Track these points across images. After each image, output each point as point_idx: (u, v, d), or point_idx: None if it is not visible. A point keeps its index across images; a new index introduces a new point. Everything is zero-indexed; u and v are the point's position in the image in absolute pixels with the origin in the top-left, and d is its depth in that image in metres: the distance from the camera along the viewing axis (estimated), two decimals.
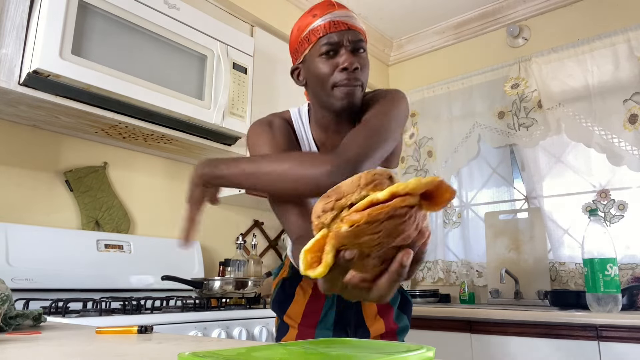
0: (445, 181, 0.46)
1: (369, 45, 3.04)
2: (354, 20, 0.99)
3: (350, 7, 3.10)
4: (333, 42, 0.97)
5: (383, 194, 0.44)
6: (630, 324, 1.59)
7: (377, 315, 1.20)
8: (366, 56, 1.01)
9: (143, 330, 0.82)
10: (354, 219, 0.44)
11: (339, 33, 0.97)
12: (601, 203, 2.29)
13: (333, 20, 0.98)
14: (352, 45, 0.97)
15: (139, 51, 1.69)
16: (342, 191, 0.47)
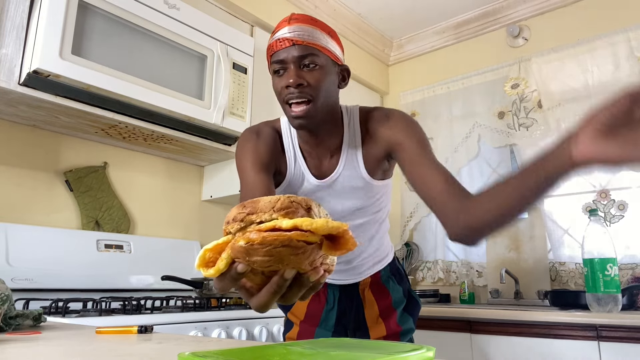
0: (349, 232, 0.48)
1: (369, 45, 3.04)
2: (302, 34, 0.97)
3: (350, 7, 3.05)
4: (279, 60, 0.98)
5: (286, 224, 0.46)
6: (630, 324, 1.59)
7: (378, 318, 1.21)
8: (319, 70, 0.98)
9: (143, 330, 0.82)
10: (251, 237, 0.46)
11: (284, 50, 0.97)
12: (601, 203, 2.29)
13: (279, 37, 0.98)
14: (298, 61, 0.96)
15: (139, 51, 1.69)
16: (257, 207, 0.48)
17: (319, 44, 0.98)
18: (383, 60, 3.23)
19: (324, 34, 1.00)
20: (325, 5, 2.69)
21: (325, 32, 1.01)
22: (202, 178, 2.35)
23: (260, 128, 1.11)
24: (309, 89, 0.96)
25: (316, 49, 0.97)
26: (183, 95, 1.79)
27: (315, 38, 0.98)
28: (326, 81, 0.99)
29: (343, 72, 1.07)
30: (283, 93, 0.98)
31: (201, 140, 1.94)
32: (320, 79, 0.98)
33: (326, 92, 0.99)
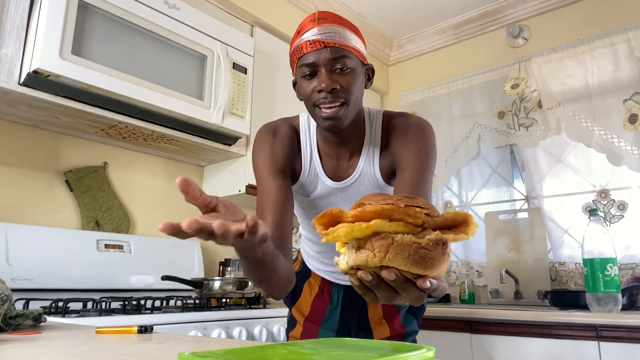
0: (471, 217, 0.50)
1: (369, 45, 3.04)
2: (334, 35, 0.94)
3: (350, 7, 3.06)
4: (310, 64, 0.95)
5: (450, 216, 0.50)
6: (630, 324, 1.59)
7: (382, 319, 1.20)
8: (351, 72, 0.95)
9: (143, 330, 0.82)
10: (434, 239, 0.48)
11: (315, 53, 0.94)
12: (601, 203, 2.29)
13: (309, 40, 0.94)
14: (331, 64, 0.94)
15: (139, 51, 1.69)
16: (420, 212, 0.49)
17: (350, 44, 0.95)
18: (383, 60, 3.23)
19: (352, 33, 0.97)
20: (325, 5, 2.69)
21: (352, 30, 0.98)
22: (202, 178, 2.35)
23: (277, 126, 1.09)
24: (342, 93, 0.94)
25: (348, 51, 0.95)
26: (183, 95, 1.79)
27: (346, 39, 0.95)
28: (357, 84, 0.97)
29: (369, 72, 1.04)
30: (314, 97, 0.95)
31: (201, 140, 1.94)
32: (352, 82, 0.95)
33: (357, 94, 0.97)
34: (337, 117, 0.94)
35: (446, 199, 2.84)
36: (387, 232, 0.47)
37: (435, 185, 2.85)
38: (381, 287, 0.53)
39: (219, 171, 2.27)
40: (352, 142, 1.05)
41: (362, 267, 0.49)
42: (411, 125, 1.03)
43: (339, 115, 0.94)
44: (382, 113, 1.09)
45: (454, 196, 2.83)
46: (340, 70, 0.94)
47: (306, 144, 1.09)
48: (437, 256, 0.48)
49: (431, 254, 0.47)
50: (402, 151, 1.01)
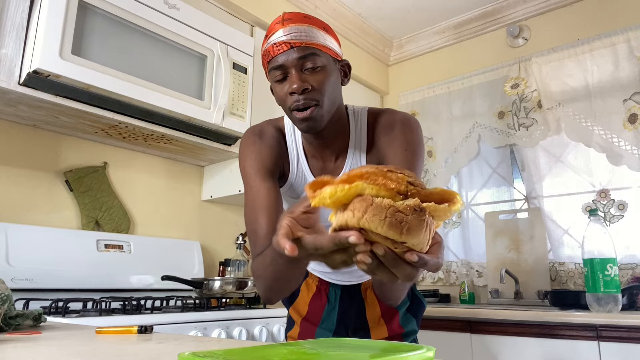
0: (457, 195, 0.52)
1: (369, 45, 3.04)
2: (299, 35, 0.92)
3: (350, 7, 3.05)
4: (279, 66, 0.93)
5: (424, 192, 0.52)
6: (630, 324, 1.59)
7: (380, 319, 1.19)
8: (322, 70, 0.94)
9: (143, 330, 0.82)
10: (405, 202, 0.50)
11: (282, 55, 0.92)
12: (601, 203, 2.29)
13: (276, 42, 0.92)
14: (300, 64, 0.92)
15: (139, 51, 1.69)
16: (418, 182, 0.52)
17: (318, 42, 0.93)
18: (383, 60, 3.23)
19: (320, 31, 0.95)
20: (325, 5, 2.69)
21: (321, 28, 0.96)
22: (202, 178, 2.35)
23: (263, 128, 1.08)
24: (314, 93, 0.92)
25: (316, 49, 0.93)
26: (183, 95, 1.79)
27: (313, 37, 0.93)
28: (330, 81, 0.95)
29: (344, 68, 1.03)
30: (288, 101, 0.94)
31: (201, 140, 1.94)
32: (324, 80, 0.93)
33: (331, 93, 0.96)
34: (312, 117, 0.93)
35: None
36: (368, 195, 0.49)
37: (435, 185, 2.84)
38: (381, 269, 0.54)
39: (219, 171, 2.27)
40: (337, 143, 1.03)
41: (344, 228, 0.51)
42: (397, 122, 1.02)
43: (314, 116, 0.93)
44: (366, 110, 1.07)
45: None
46: (310, 70, 0.93)
47: (292, 145, 1.08)
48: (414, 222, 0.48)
49: (408, 218, 0.48)
50: (388, 149, 0.99)
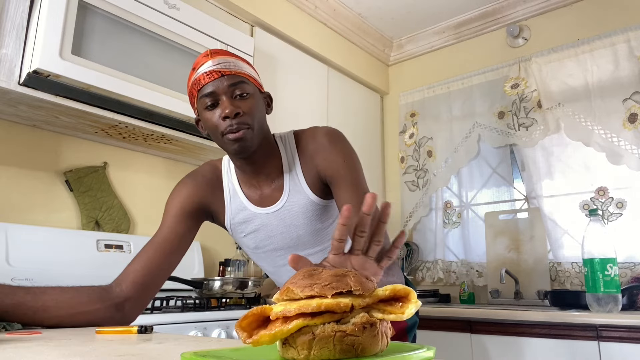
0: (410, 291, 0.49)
1: (369, 45, 3.04)
2: (228, 65, 0.98)
3: (350, 7, 3.05)
4: (209, 93, 0.97)
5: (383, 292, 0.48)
6: (630, 324, 1.59)
7: None
8: (251, 97, 0.99)
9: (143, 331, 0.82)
10: None
11: (213, 83, 0.97)
12: (599, 201, 2.29)
13: (206, 71, 0.97)
14: (230, 91, 0.97)
15: (139, 51, 1.69)
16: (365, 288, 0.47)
17: (246, 72, 1.00)
18: (383, 60, 3.23)
19: (245, 64, 1.02)
20: (325, 5, 2.69)
21: (244, 62, 1.03)
22: None
23: (199, 170, 1.16)
24: (245, 118, 0.97)
25: (245, 78, 1.00)
26: (183, 95, 1.79)
27: (240, 67, 1.00)
28: (258, 109, 1.01)
29: (267, 99, 1.09)
30: (220, 126, 0.97)
31: (201, 140, 1.94)
32: (253, 106, 0.99)
33: (259, 119, 1.01)
34: (244, 138, 0.97)
35: (446, 199, 2.84)
36: (309, 328, 0.44)
37: (435, 185, 2.85)
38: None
39: None
40: (270, 167, 1.07)
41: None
42: (323, 137, 1.06)
43: (246, 136, 0.97)
44: (292, 133, 1.12)
45: (454, 196, 2.83)
46: (240, 97, 0.98)
47: (228, 181, 1.13)
48: (368, 340, 0.45)
49: (359, 339, 0.44)
50: (327, 165, 1.03)
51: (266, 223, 1.09)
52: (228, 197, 1.12)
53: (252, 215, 1.10)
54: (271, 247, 1.12)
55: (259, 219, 1.09)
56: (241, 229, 1.12)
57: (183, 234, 1.08)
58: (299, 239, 1.09)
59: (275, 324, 0.45)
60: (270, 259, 1.15)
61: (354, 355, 0.45)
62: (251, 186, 1.10)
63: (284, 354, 0.46)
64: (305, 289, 0.46)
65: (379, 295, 0.48)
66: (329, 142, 1.05)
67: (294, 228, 1.08)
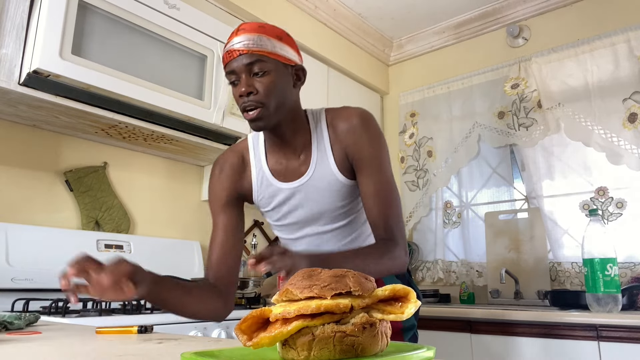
0: None
1: (369, 45, 3.04)
2: (248, 43, 1.01)
3: (350, 7, 3.05)
4: (230, 71, 1.03)
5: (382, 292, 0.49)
6: (630, 324, 1.59)
7: None
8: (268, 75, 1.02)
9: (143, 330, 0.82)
10: None
11: (232, 62, 1.02)
12: (599, 201, 2.29)
13: (228, 50, 1.03)
14: (248, 69, 1.01)
15: (139, 51, 1.69)
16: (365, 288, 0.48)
17: (265, 50, 1.02)
18: (383, 60, 3.23)
19: (271, 39, 1.04)
20: (325, 5, 2.69)
21: (273, 36, 1.04)
22: (202, 178, 2.35)
23: (226, 160, 1.19)
24: (259, 96, 1.01)
25: (263, 55, 1.02)
26: (183, 95, 1.79)
27: (261, 45, 1.02)
28: (277, 84, 1.03)
29: (298, 72, 1.10)
30: (239, 102, 1.03)
31: (201, 140, 1.94)
32: (269, 84, 1.02)
33: (279, 94, 1.03)
34: (258, 118, 1.02)
35: (446, 199, 2.84)
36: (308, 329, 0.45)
37: (435, 185, 2.85)
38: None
39: None
40: (298, 141, 1.11)
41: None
42: (356, 118, 1.10)
43: (259, 116, 1.02)
44: (324, 110, 1.16)
45: (454, 196, 2.83)
46: (257, 75, 1.02)
47: (255, 159, 1.16)
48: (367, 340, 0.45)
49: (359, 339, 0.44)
50: (356, 149, 1.08)
51: (289, 197, 1.13)
52: (255, 176, 1.16)
53: (277, 191, 1.13)
54: (291, 220, 1.16)
55: (283, 193, 1.13)
56: (265, 203, 1.16)
57: (235, 224, 1.16)
58: (319, 215, 1.13)
59: (274, 326, 0.45)
60: (289, 231, 1.19)
61: (354, 355, 0.45)
62: (278, 160, 1.13)
63: (284, 355, 0.46)
64: (304, 290, 0.46)
65: (378, 296, 0.48)
66: (362, 125, 1.09)
67: (315, 204, 1.12)
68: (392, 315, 0.47)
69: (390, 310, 0.47)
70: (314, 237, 1.16)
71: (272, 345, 0.45)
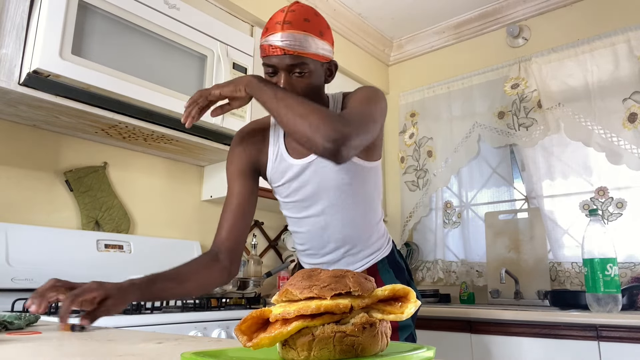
0: None
1: (369, 45, 3.04)
2: (294, 44, 1.02)
3: (350, 7, 3.05)
4: (271, 65, 1.06)
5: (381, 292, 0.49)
6: (630, 324, 1.59)
7: None
8: (308, 76, 1.05)
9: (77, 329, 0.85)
10: None
11: (276, 58, 1.04)
12: (599, 201, 2.29)
13: (272, 44, 1.03)
14: (289, 69, 1.04)
15: (139, 51, 1.69)
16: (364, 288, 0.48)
17: (310, 52, 1.04)
18: (383, 60, 3.23)
19: (315, 39, 1.05)
20: (325, 5, 2.69)
21: (317, 33, 1.05)
22: (202, 178, 2.35)
23: (246, 129, 1.24)
24: None
25: (307, 58, 1.04)
26: (183, 95, 1.79)
27: (306, 47, 1.03)
28: (314, 85, 1.08)
29: (331, 67, 1.13)
30: None
31: (201, 140, 1.94)
32: (308, 85, 1.06)
33: (314, 92, 1.08)
34: None
35: (446, 199, 2.84)
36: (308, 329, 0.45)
37: (435, 185, 2.85)
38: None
39: (219, 171, 2.27)
40: None
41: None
42: (360, 89, 1.15)
43: None
44: (341, 93, 1.20)
45: (454, 196, 2.83)
46: (297, 75, 1.05)
47: (274, 133, 1.20)
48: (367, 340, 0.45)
49: (359, 339, 0.44)
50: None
51: (300, 173, 1.16)
52: (271, 151, 1.19)
53: (288, 167, 1.17)
54: (299, 197, 1.18)
55: (294, 169, 1.16)
56: (277, 178, 1.20)
57: (249, 193, 1.20)
58: (325, 191, 1.15)
59: (274, 326, 0.45)
60: (296, 209, 1.21)
61: (354, 355, 0.45)
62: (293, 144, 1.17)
63: (284, 355, 0.46)
64: (304, 290, 0.46)
65: (378, 296, 0.48)
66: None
67: (323, 180, 1.14)
68: (392, 316, 0.47)
69: (390, 310, 0.47)
70: (319, 218, 1.18)
71: (272, 345, 0.45)
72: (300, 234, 1.25)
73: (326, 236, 1.19)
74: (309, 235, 1.22)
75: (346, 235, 1.19)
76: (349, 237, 1.19)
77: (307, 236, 1.22)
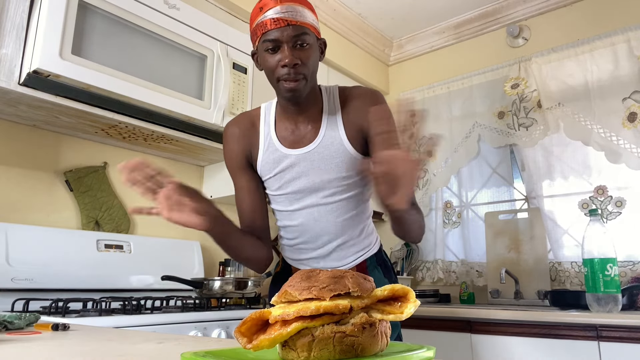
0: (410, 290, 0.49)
1: (369, 45, 3.04)
2: (295, 14, 1.02)
3: (350, 7, 3.05)
4: (273, 39, 1.03)
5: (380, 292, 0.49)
6: (630, 324, 1.59)
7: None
8: (310, 48, 1.05)
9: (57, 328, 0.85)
10: None
11: (278, 30, 1.02)
12: (598, 200, 2.29)
13: (273, 17, 1.02)
14: (293, 40, 1.02)
15: (139, 51, 1.69)
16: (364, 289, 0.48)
17: (309, 22, 1.04)
18: (383, 60, 3.23)
19: (309, 11, 1.06)
20: (325, 5, 2.69)
21: (308, 8, 1.07)
22: (202, 178, 2.35)
23: (236, 122, 1.24)
24: (303, 68, 1.04)
25: (307, 28, 1.04)
26: (183, 95, 1.79)
27: (305, 17, 1.04)
28: (314, 58, 1.08)
29: (322, 46, 1.14)
30: (278, 72, 1.04)
31: (201, 140, 1.94)
32: (310, 57, 1.05)
33: (315, 67, 1.09)
34: (298, 89, 1.05)
35: (446, 199, 2.84)
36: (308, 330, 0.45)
37: (435, 185, 2.85)
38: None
39: (219, 171, 2.27)
40: (311, 110, 1.14)
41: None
42: (367, 96, 1.15)
43: (299, 87, 1.05)
44: (337, 86, 1.21)
45: (453, 196, 2.83)
46: (300, 46, 1.04)
47: (265, 124, 1.20)
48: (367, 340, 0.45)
49: (359, 339, 0.45)
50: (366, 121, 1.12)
51: (294, 164, 1.15)
52: (262, 141, 1.18)
53: (282, 157, 1.15)
54: (292, 189, 1.17)
55: (289, 159, 1.15)
56: (268, 170, 1.18)
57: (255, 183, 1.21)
58: (321, 184, 1.14)
59: (274, 328, 0.45)
60: (288, 202, 1.20)
61: (353, 355, 0.45)
62: (287, 127, 1.17)
63: (284, 356, 0.46)
64: (303, 291, 0.46)
65: (377, 296, 0.48)
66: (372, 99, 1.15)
67: (320, 172, 1.13)
68: (391, 316, 0.47)
69: (390, 310, 0.47)
70: (313, 209, 1.16)
71: (272, 347, 0.45)
72: (292, 227, 1.21)
73: (319, 228, 1.16)
74: (301, 228, 1.19)
75: (339, 228, 1.17)
76: (342, 230, 1.17)
77: (300, 229, 1.19)
